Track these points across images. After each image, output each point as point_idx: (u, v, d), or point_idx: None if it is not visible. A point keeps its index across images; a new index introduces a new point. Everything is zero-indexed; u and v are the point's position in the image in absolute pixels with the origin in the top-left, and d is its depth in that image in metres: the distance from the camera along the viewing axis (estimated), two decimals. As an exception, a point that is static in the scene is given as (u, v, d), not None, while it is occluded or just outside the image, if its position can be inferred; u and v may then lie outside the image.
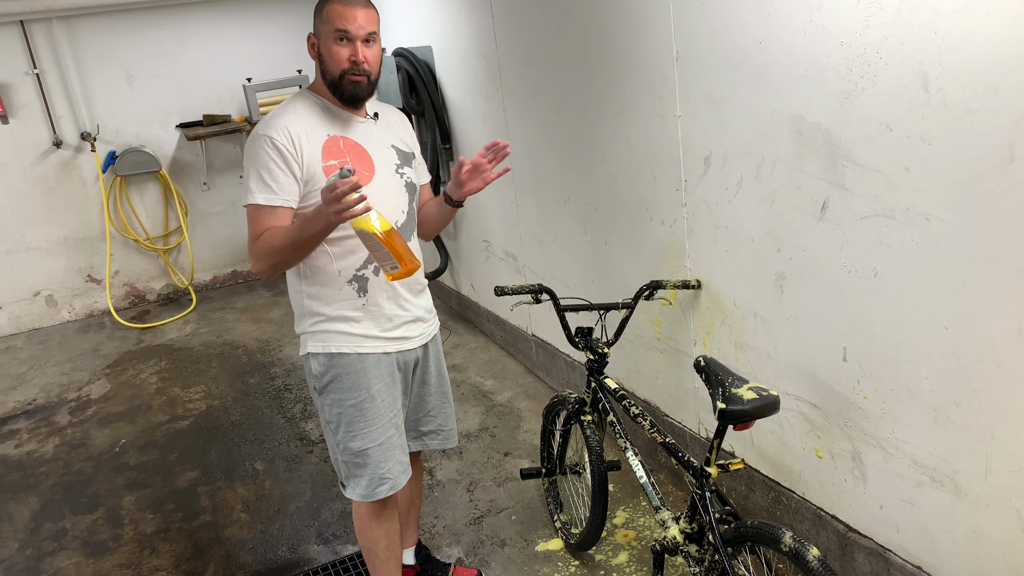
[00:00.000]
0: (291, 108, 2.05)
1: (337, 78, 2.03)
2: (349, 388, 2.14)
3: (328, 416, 2.19)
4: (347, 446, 2.18)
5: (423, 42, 4.40)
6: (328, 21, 2.00)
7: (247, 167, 2.00)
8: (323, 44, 2.03)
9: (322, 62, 2.05)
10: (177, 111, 5.91)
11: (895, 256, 1.88)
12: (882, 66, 1.78)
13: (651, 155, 2.68)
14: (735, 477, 2.70)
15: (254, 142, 1.99)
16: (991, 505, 1.82)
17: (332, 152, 2.04)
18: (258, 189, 1.97)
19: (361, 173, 2.05)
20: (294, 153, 1.98)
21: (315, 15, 2.05)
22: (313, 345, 2.15)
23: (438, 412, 2.43)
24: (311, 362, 2.17)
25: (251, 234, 2.01)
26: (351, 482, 2.22)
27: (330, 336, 2.13)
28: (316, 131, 2.04)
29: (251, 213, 2.00)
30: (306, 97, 2.10)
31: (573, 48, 2.98)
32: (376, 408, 2.17)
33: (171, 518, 3.29)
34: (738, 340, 2.51)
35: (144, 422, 4.18)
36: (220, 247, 6.32)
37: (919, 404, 1.94)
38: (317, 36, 2.05)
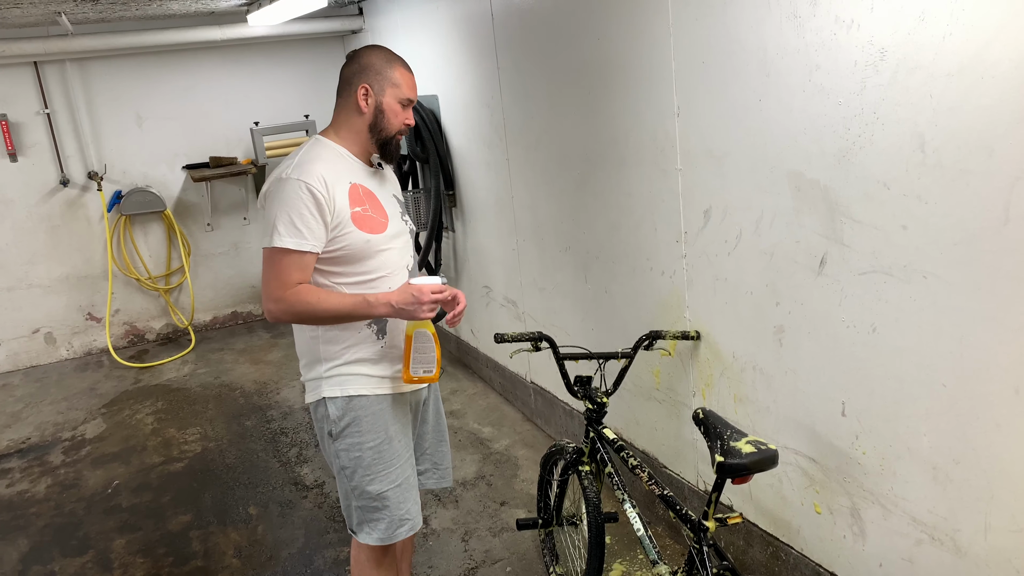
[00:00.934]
0: (320, 156, 2.08)
1: (391, 136, 2.14)
2: (368, 431, 2.14)
3: (344, 461, 2.17)
4: (365, 490, 2.16)
5: (430, 91, 4.48)
6: (398, 85, 2.11)
7: (276, 210, 2.00)
8: (387, 102, 2.11)
9: (379, 117, 2.11)
10: (184, 152, 5.99)
11: (893, 312, 1.90)
12: (879, 126, 1.82)
13: (652, 206, 2.72)
14: (733, 531, 2.67)
15: (287, 186, 2.00)
16: (991, 565, 1.80)
17: (355, 199, 2.09)
18: (288, 233, 1.98)
19: (378, 220, 2.12)
20: (328, 200, 2.00)
21: (373, 70, 2.10)
22: (330, 389, 2.14)
23: (434, 450, 2.44)
24: (328, 407, 2.15)
25: (272, 276, 2.01)
26: (367, 527, 2.20)
27: (348, 379, 2.13)
28: (342, 178, 2.08)
29: (275, 256, 2.00)
30: (327, 145, 2.14)
31: (577, 100, 3.04)
32: (394, 449, 2.17)
33: (162, 563, 3.24)
34: (737, 392, 2.51)
35: (138, 463, 4.15)
36: (222, 288, 6.34)
37: (918, 461, 1.93)
38: (378, 92, 2.10)
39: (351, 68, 2.13)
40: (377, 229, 2.10)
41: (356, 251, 2.07)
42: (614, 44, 2.72)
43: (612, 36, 2.72)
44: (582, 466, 2.53)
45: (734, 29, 2.18)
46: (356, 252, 2.07)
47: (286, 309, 2.01)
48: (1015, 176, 1.56)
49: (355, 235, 2.06)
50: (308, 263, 2.03)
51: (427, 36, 4.38)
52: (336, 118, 2.18)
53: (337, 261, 2.07)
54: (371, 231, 2.09)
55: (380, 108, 2.11)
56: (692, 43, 2.36)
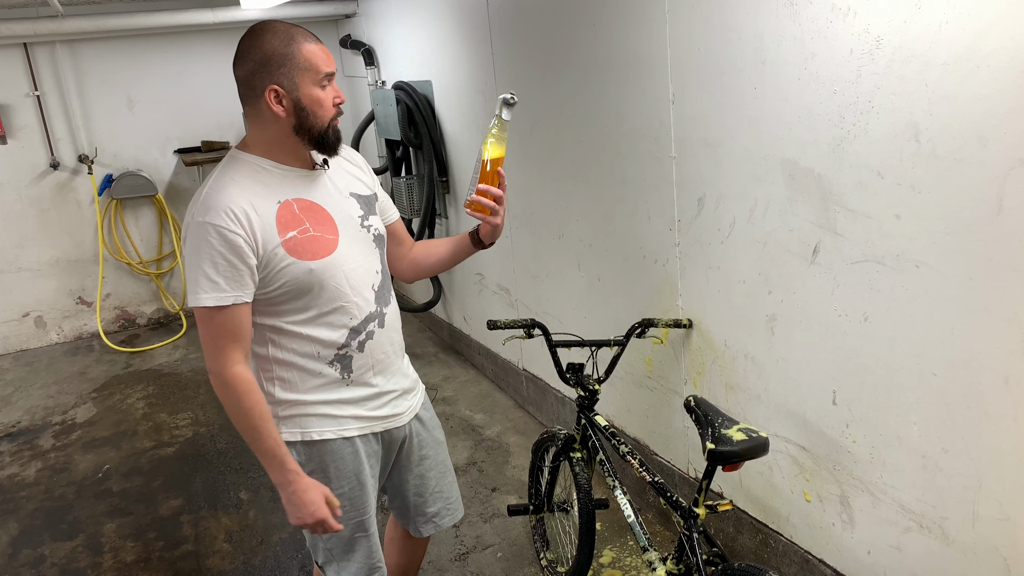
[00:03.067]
0: (229, 181, 1.71)
1: (325, 128, 1.76)
2: (335, 478, 1.86)
3: None
4: (336, 535, 1.90)
5: (423, 76, 4.45)
6: (310, 68, 1.70)
7: (189, 261, 1.68)
8: (303, 93, 1.71)
9: (302, 115, 1.72)
10: (176, 136, 5.94)
11: (885, 302, 1.90)
12: (874, 115, 1.82)
13: (646, 194, 2.71)
14: (723, 518, 2.68)
15: (196, 231, 1.66)
16: (978, 553, 1.82)
17: (288, 222, 1.73)
18: (205, 288, 1.66)
19: (324, 238, 1.78)
20: (246, 237, 1.66)
21: (275, 62, 1.69)
22: (288, 432, 1.82)
23: (441, 485, 2.17)
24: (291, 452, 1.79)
25: (205, 339, 1.70)
26: (337, 565, 1.95)
27: (309, 420, 1.83)
28: (264, 201, 1.72)
29: (200, 315, 1.69)
30: (242, 162, 1.76)
31: (571, 87, 3.02)
32: (364, 495, 1.91)
33: (152, 547, 3.24)
34: (729, 381, 2.52)
35: (129, 448, 4.14)
36: (213, 273, 6.31)
37: (908, 449, 1.94)
38: (290, 88, 1.70)
39: (246, 67, 1.72)
40: (323, 251, 1.75)
41: (299, 285, 1.74)
42: (609, 30, 2.71)
43: (607, 22, 2.71)
44: (573, 453, 2.53)
45: (730, 16, 2.17)
46: (300, 286, 1.74)
47: (220, 388, 1.71)
48: (1009, 166, 1.56)
49: (294, 267, 1.72)
50: (241, 316, 1.69)
51: (421, 20, 4.35)
52: (251, 130, 1.78)
53: (279, 300, 1.75)
54: (314, 256, 1.74)
55: (300, 105, 1.71)
56: (688, 30, 2.35)
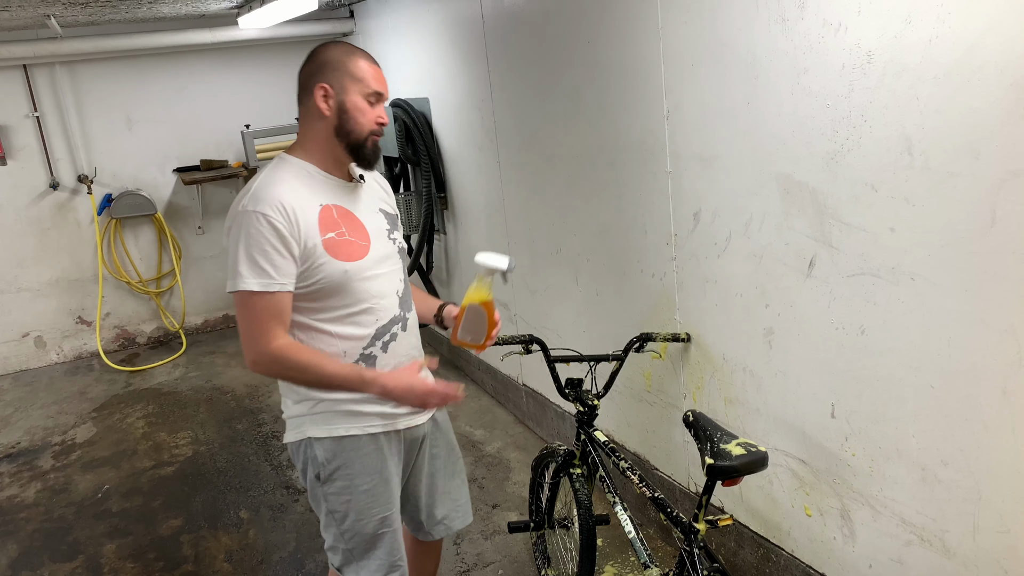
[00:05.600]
0: (280, 179, 1.84)
1: (364, 138, 1.88)
2: (360, 473, 1.94)
3: (333, 505, 1.97)
4: (358, 531, 1.98)
5: (421, 94, 4.48)
6: (360, 79, 1.86)
7: (236, 247, 1.77)
8: (350, 100, 1.85)
9: (343, 118, 1.86)
10: (175, 155, 5.97)
11: (882, 314, 1.91)
12: (867, 128, 1.83)
13: (642, 209, 2.72)
14: (724, 533, 2.67)
15: (245, 219, 1.76)
16: (980, 566, 1.81)
17: (328, 224, 1.85)
18: (251, 273, 1.75)
19: (358, 243, 1.90)
20: (292, 231, 1.78)
21: (330, 66, 1.86)
22: (315, 429, 1.93)
23: (450, 487, 2.24)
24: (314, 448, 1.93)
25: (249, 324, 1.79)
26: (356, 565, 2.01)
27: (336, 417, 1.92)
28: (309, 202, 1.84)
29: (245, 301, 1.77)
30: (292, 164, 1.90)
31: (567, 103, 3.04)
32: (389, 491, 2.00)
33: (152, 567, 3.22)
34: (728, 394, 2.52)
35: (129, 468, 4.13)
36: (213, 291, 6.32)
37: (907, 462, 1.94)
38: (338, 90, 1.85)
39: (307, 69, 1.89)
40: (356, 255, 1.87)
41: (333, 283, 1.84)
42: (604, 47, 2.73)
43: (602, 39, 2.72)
44: (573, 469, 2.53)
45: (723, 32, 2.19)
46: (333, 285, 1.84)
47: (269, 364, 1.80)
48: (1001, 178, 1.57)
49: (330, 266, 1.82)
50: (283, 304, 1.80)
51: (418, 39, 4.38)
52: (301, 131, 1.94)
53: (312, 296, 1.85)
54: (348, 258, 1.85)
55: (343, 107, 1.85)
56: (681, 46, 2.36)
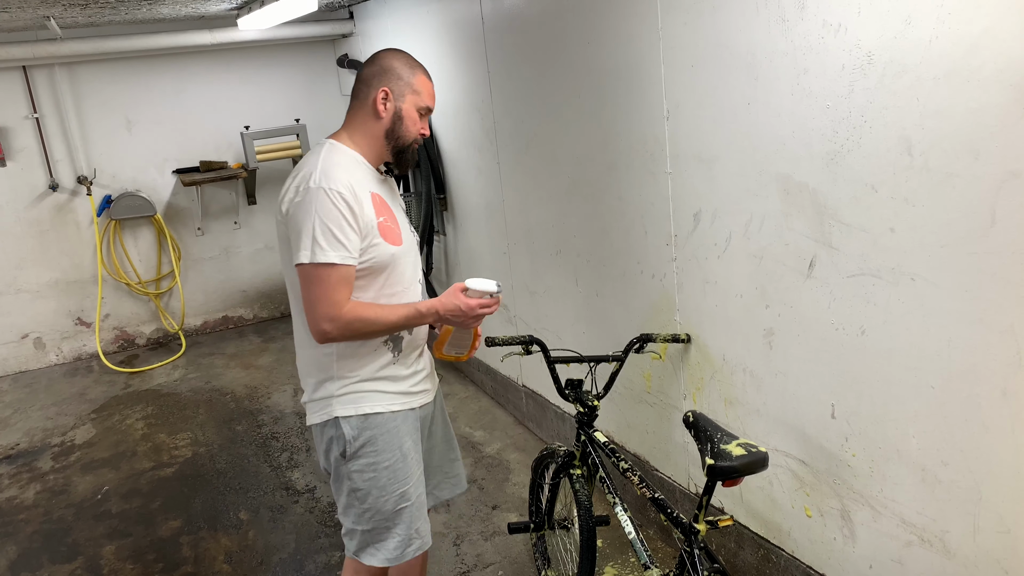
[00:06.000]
0: (340, 162, 1.96)
1: (407, 144, 2.05)
2: (384, 449, 2.05)
3: (358, 483, 2.06)
4: (380, 510, 2.07)
5: (420, 95, 4.47)
6: (419, 92, 2.03)
7: (310, 222, 1.86)
8: (406, 109, 2.02)
9: (397, 124, 2.02)
10: (174, 157, 5.96)
11: (881, 315, 1.91)
12: (867, 129, 1.83)
13: (642, 210, 2.72)
14: (724, 533, 2.67)
15: (319, 196, 1.86)
16: (980, 566, 1.81)
17: (379, 208, 1.99)
18: (331, 246, 1.85)
19: (396, 230, 2.03)
20: (359, 209, 1.90)
21: (394, 74, 2.01)
22: (343, 408, 2.03)
23: (444, 461, 2.37)
24: (342, 427, 2.03)
25: (321, 295, 1.88)
26: (373, 548, 2.10)
27: (363, 396, 2.04)
28: (364, 186, 1.97)
29: (320, 273, 1.87)
30: (344, 151, 2.01)
31: (567, 104, 3.04)
32: (408, 467, 2.09)
33: (152, 569, 3.22)
34: (727, 395, 2.52)
35: (128, 469, 4.12)
36: (212, 292, 6.32)
37: (907, 463, 1.94)
38: (397, 97, 2.01)
39: (371, 69, 2.03)
40: (397, 241, 2.01)
41: (381, 264, 1.97)
42: (603, 48, 2.73)
43: (602, 40, 2.73)
44: (573, 469, 2.53)
45: (723, 33, 2.19)
46: (380, 265, 1.97)
47: (343, 328, 1.90)
48: (1001, 179, 1.57)
49: (382, 247, 1.96)
50: (352, 276, 1.92)
51: (417, 40, 4.38)
52: (351, 122, 2.06)
53: (359, 274, 1.96)
54: (393, 243, 1.99)
55: (399, 114, 2.02)
56: (681, 47, 2.36)
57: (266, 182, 6.26)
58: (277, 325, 6.40)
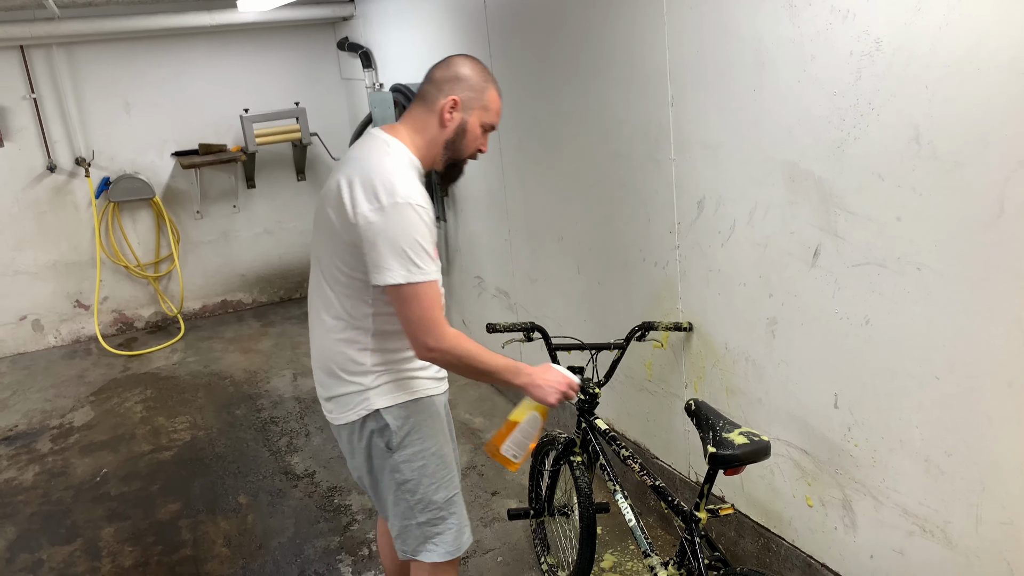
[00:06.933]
0: (407, 173, 1.85)
1: (463, 159, 1.99)
2: (429, 435, 1.99)
3: (407, 474, 1.98)
4: (431, 500, 2.01)
5: (420, 79, 4.43)
6: (487, 109, 1.96)
7: (400, 240, 1.77)
8: (471, 123, 1.94)
9: (459, 136, 1.94)
10: (173, 139, 5.93)
11: (887, 305, 1.89)
12: (874, 117, 1.81)
13: (645, 197, 2.71)
14: (725, 522, 2.67)
15: (407, 213, 1.77)
16: (981, 557, 1.81)
17: None
18: (424, 263, 1.79)
19: None
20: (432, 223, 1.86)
21: (468, 84, 1.92)
22: (382, 399, 1.94)
23: None
24: (384, 418, 1.94)
25: (422, 314, 1.81)
26: (433, 542, 2.04)
27: (401, 384, 1.96)
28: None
29: (417, 291, 1.79)
30: (406, 157, 1.90)
31: (570, 90, 3.01)
32: (450, 452, 2.06)
33: (151, 551, 3.22)
34: (729, 384, 2.51)
35: (127, 452, 4.12)
36: (211, 276, 6.30)
37: (910, 453, 1.93)
38: (466, 109, 1.92)
39: (444, 73, 1.94)
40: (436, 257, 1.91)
41: None
42: (608, 33, 2.70)
43: (606, 24, 2.70)
44: (574, 457, 2.52)
45: (729, 18, 2.17)
46: None
47: (450, 348, 1.83)
48: (1010, 169, 1.56)
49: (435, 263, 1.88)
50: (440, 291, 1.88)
51: (419, 23, 4.34)
52: (412, 121, 1.95)
53: None
54: (438, 258, 1.90)
55: (463, 127, 1.93)
56: (686, 32, 2.34)
57: (265, 165, 6.23)
58: (276, 310, 6.39)
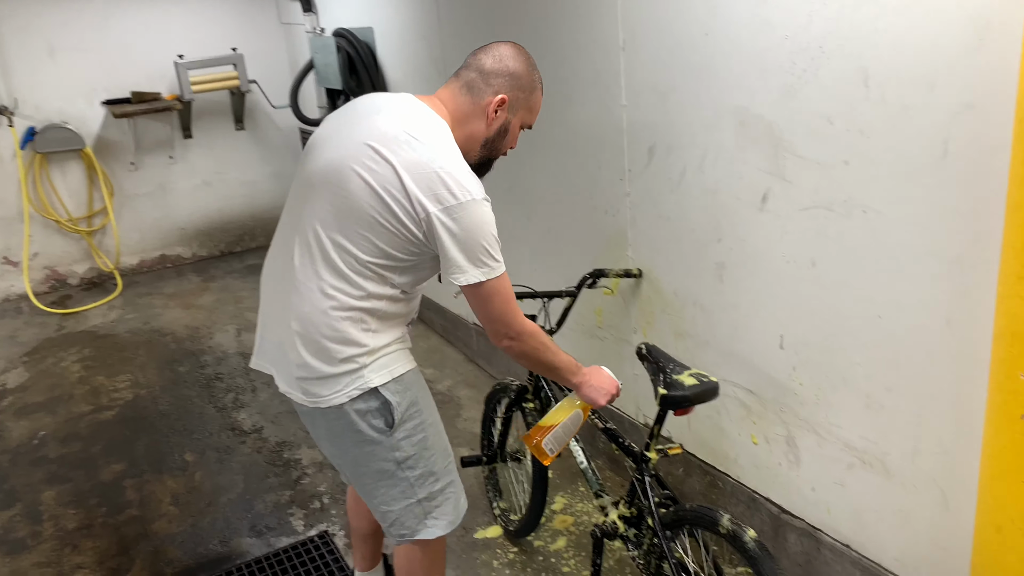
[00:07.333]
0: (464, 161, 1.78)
1: (498, 155, 1.93)
2: (425, 407, 1.93)
3: (408, 449, 1.89)
4: (432, 471, 1.94)
5: (364, 23, 4.31)
6: (531, 111, 1.89)
7: (487, 237, 1.73)
8: (514, 124, 1.87)
9: (499, 136, 1.87)
10: (103, 87, 5.65)
11: (833, 247, 1.94)
12: (825, 60, 1.82)
13: (596, 145, 2.70)
14: (672, 462, 2.74)
15: (483, 210, 1.72)
16: (918, 486, 1.90)
17: None
18: (498, 257, 1.76)
19: None
20: None
21: (519, 84, 1.83)
22: (378, 375, 1.82)
23: None
24: (382, 395, 1.83)
25: (504, 303, 1.78)
26: (433, 516, 1.97)
27: (392, 359, 1.87)
28: None
29: (501, 285, 1.77)
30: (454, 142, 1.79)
31: (519, 32, 2.96)
32: (440, 420, 2.01)
33: (95, 513, 3.15)
34: (678, 328, 2.55)
35: (66, 413, 4.00)
36: (148, 230, 6.09)
37: (852, 390, 2.00)
38: (512, 110, 1.84)
39: (497, 65, 1.81)
40: None
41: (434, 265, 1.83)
42: (558, -25, 2.65)
43: (556, -33, 2.65)
44: (526, 403, 2.55)
45: (681, -40, 2.15)
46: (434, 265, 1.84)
47: (524, 343, 1.83)
48: (954, 111, 1.59)
49: None
50: None
51: (361, -35, 4.20)
52: (455, 108, 1.83)
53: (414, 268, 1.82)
54: None
55: (506, 127, 1.86)
56: (638, -26, 2.31)
57: (202, 114, 6.00)
58: (217, 264, 6.23)
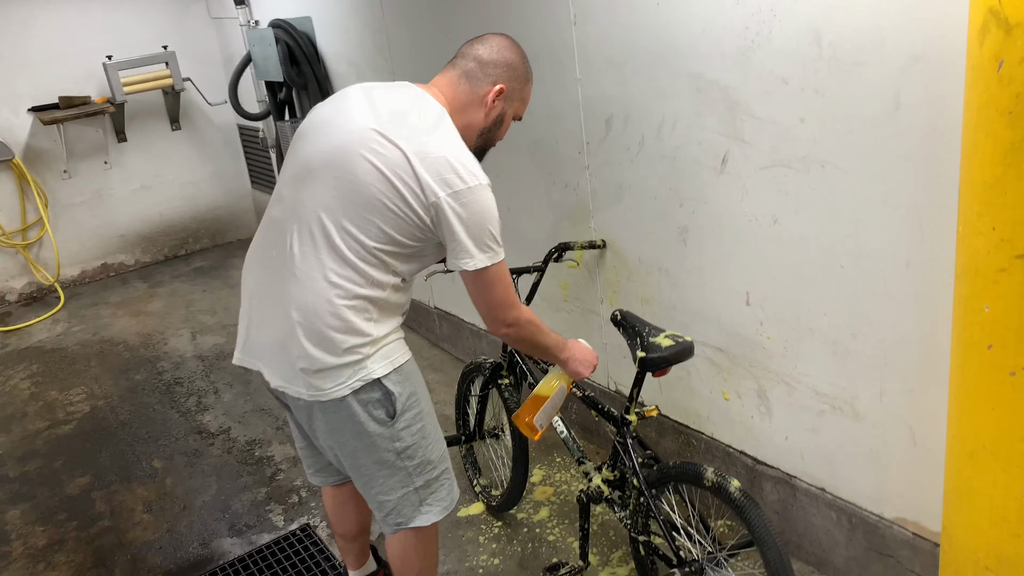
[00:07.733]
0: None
1: (492, 145, 1.97)
2: (423, 396, 1.93)
3: (407, 439, 1.88)
4: (429, 460, 1.93)
5: (302, 13, 4.24)
6: (524, 102, 1.96)
7: (488, 224, 1.73)
8: (509, 112, 1.92)
9: (495, 126, 1.91)
10: (29, 93, 5.43)
11: (793, 203, 2.01)
12: (776, 23, 1.89)
13: (552, 120, 2.73)
14: (646, 425, 2.81)
15: (484, 194, 1.73)
16: (887, 425, 2.00)
17: None
18: (500, 244, 1.77)
19: None
20: None
21: (516, 76, 1.88)
22: (380, 366, 1.80)
23: None
24: (385, 386, 1.82)
25: (503, 290, 1.80)
26: (428, 503, 1.97)
27: (391, 349, 1.85)
28: None
29: (501, 271, 1.78)
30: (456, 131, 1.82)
31: (467, 13, 2.97)
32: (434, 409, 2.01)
33: (64, 528, 3.08)
34: (644, 295, 2.61)
35: (20, 431, 3.88)
36: (87, 239, 5.90)
37: (819, 339, 2.09)
38: (508, 100, 1.89)
39: (495, 56, 1.86)
40: None
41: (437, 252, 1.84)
42: (503, -47, 2.66)
43: (501, -55, 2.66)
44: (501, 379, 2.58)
45: (628, -68, 2.18)
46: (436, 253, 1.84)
47: (525, 324, 1.87)
48: (904, 64, 1.67)
49: None
50: None
51: (295, -46, 4.13)
52: (453, 96, 1.85)
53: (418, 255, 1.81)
54: None
55: (501, 118, 1.91)
56: (586, -51, 2.34)
57: (136, 116, 5.82)
58: (162, 269, 6.08)
